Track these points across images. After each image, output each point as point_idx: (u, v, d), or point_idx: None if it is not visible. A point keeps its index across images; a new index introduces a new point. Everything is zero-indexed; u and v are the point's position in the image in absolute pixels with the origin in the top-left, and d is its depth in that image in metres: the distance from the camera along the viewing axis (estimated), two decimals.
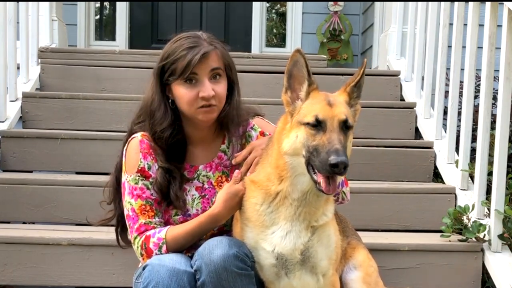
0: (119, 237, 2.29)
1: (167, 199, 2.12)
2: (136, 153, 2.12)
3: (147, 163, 2.11)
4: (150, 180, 2.10)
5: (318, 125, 1.87)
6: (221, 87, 2.12)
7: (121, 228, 2.25)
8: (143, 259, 2.07)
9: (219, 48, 2.13)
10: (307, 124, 1.88)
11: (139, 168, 2.11)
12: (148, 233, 2.06)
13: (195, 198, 2.16)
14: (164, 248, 2.03)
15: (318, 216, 2.01)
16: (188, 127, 2.17)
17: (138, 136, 2.15)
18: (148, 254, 2.05)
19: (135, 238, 2.08)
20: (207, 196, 2.17)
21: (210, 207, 2.13)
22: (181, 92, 2.08)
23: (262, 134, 2.24)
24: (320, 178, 1.84)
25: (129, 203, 2.10)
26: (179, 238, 2.03)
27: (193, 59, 2.04)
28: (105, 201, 2.27)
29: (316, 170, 1.85)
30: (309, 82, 1.96)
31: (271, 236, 1.99)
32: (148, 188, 2.10)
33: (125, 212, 2.12)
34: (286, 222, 1.98)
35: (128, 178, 2.11)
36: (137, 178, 2.10)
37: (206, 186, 2.18)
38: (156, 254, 2.03)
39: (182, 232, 2.04)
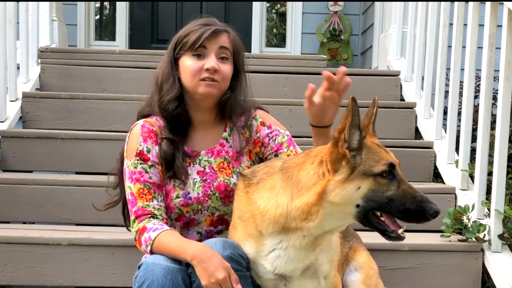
0: (126, 220, 2.30)
1: (171, 168, 2.14)
2: (137, 137, 2.16)
3: (147, 146, 2.14)
4: (149, 163, 2.13)
5: (390, 173, 1.80)
6: (226, 68, 2.17)
7: (128, 211, 2.25)
8: (136, 243, 2.10)
9: (231, 32, 2.22)
10: (380, 174, 1.79)
11: (138, 152, 2.14)
12: (147, 224, 2.07)
13: (196, 181, 2.18)
14: (149, 248, 2.04)
15: (326, 239, 1.97)
16: (190, 108, 2.20)
17: (140, 122, 2.20)
18: (139, 243, 2.08)
19: (133, 221, 2.11)
20: (208, 181, 2.19)
21: (211, 191, 2.17)
22: (187, 64, 2.14)
23: (262, 124, 2.27)
24: (396, 228, 1.82)
25: (129, 187, 2.13)
26: (161, 249, 2.01)
27: (205, 32, 2.13)
28: (111, 186, 2.30)
29: (398, 219, 1.81)
30: (361, 130, 1.82)
31: (273, 258, 1.93)
32: (146, 172, 2.12)
33: (127, 197, 2.15)
34: (294, 250, 1.91)
35: (128, 163, 2.15)
36: (136, 162, 2.13)
37: (207, 170, 2.20)
38: (143, 249, 2.06)
39: (166, 245, 2.00)
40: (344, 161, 1.80)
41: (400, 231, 1.82)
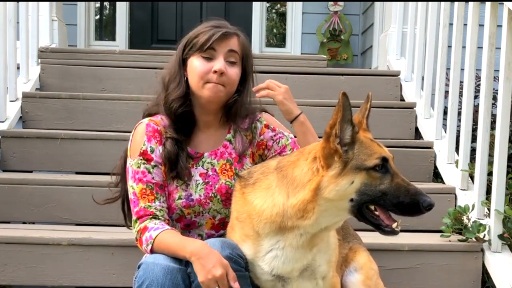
0: (127, 217, 2.30)
1: (175, 168, 2.14)
2: (141, 136, 2.16)
3: (150, 146, 2.14)
4: (152, 163, 2.13)
5: (383, 167, 1.80)
6: (234, 72, 2.17)
7: (128, 208, 2.26)
8: (137, 243, 2.11)
9: (241, 36, 2.21)
10: (373, 168, 1.79)
11: (142, 151, 2.13)
12: (148, 224, 2.07)
13: (199, 183, 2.18)
14: (149, 247, 2.04)
15: (324, 238, 1.98)
16: (196, 109, 2.21)
17: (145, 120, 2.20)
18: (140, 243, 2.09)
19: (135, 221, 2.11)
20: (210, 183, 2.19)
21: (212, 193, 2.17)
22: (196, 64, 2.14)
23: (267, 126, 2.27)
24: (390, 222, 1.81)
25: (131, 187, 2.13)
26: (162, 247, 2.02)
27: (215, 33, 2.13)
28: (112, 183, 2.30)
29: (393, 213, 1.81)
30: (353, 126, 1.83)
31: (270, 258, 1.94)
32: (149, 172, 2.13)
33: (129, 196, 2.16)
34: (292, 249, 1.92)
35: (131, 163, 2.15)
36: (139, 162, 2.13)
37: (210, 173, 2.20)
38: (144, 248, 2.06)
39: (166, 243, 2.01)
40: (336, 156, 1.81)
41: (394, 225, 1.82)
